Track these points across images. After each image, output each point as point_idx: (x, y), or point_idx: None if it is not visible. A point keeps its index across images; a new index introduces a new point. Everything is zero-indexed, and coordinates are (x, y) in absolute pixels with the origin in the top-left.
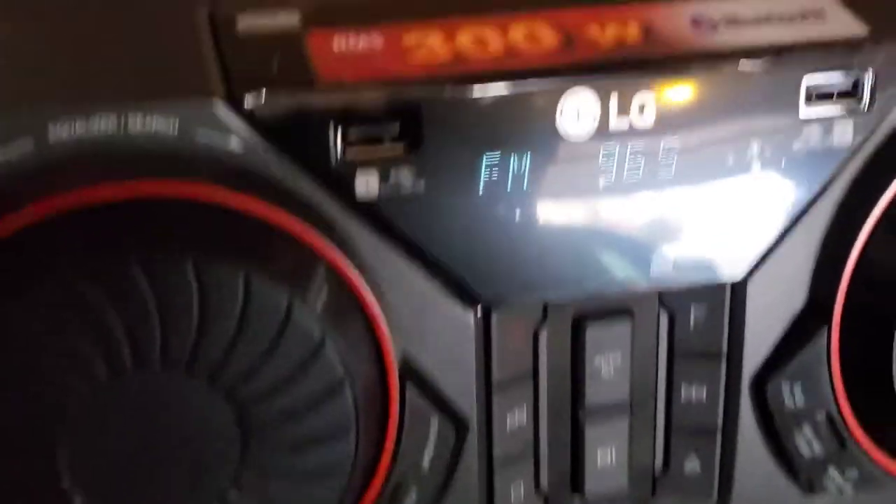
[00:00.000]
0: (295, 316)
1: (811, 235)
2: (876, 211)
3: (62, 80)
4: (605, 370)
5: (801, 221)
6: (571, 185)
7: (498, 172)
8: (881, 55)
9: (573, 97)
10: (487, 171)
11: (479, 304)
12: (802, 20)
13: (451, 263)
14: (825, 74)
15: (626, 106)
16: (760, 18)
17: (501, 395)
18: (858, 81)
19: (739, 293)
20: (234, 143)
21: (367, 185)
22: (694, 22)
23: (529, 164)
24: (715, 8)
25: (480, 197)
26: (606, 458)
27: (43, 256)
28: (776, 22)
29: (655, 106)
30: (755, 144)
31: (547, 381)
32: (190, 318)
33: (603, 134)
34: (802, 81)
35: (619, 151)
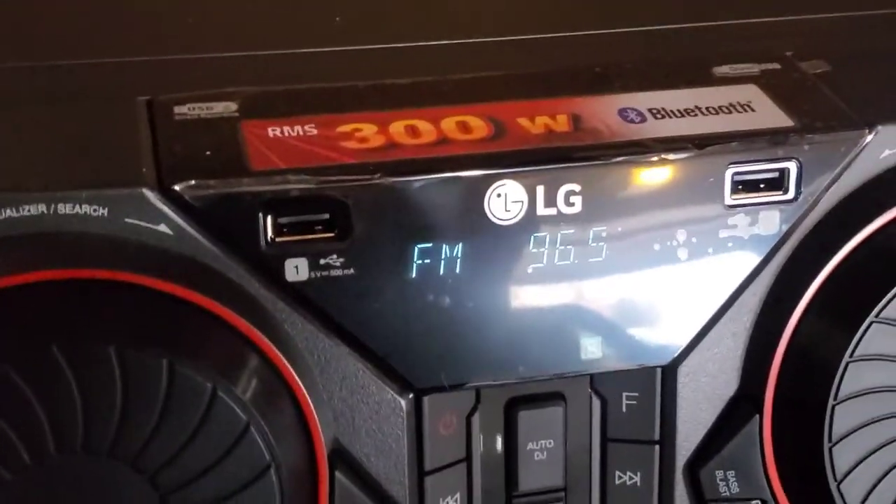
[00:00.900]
0: (219, 402)
1: (741, 322)
2: (804, 299)
3: None
4: (538, 455)
5: (730, 308)
6: (503, 270)
7: (429, 258)
8: (807, 146)
9: (502, 186)
10: (418, 257)
11: (410, 388)
12: (730, 112)
13: (382, 348)
14: (751, 165)
15: (553, 194)
16: (688, 110)
17: (433, 480)
18: (784, 171)
19: (670, 379)
20: (163, 227)
21: (296, 270)
22: (621, 113)
23: (461, 250)
24: (642, 100)
25: (411, 282)
26: None
27: None
28: (703, 114)
29: (582, 194)
30: (682, 232)
31: (480, 466)
32: (113, 403)
33: (532, 220)
34: (728, 171)
35: (548, 238)
